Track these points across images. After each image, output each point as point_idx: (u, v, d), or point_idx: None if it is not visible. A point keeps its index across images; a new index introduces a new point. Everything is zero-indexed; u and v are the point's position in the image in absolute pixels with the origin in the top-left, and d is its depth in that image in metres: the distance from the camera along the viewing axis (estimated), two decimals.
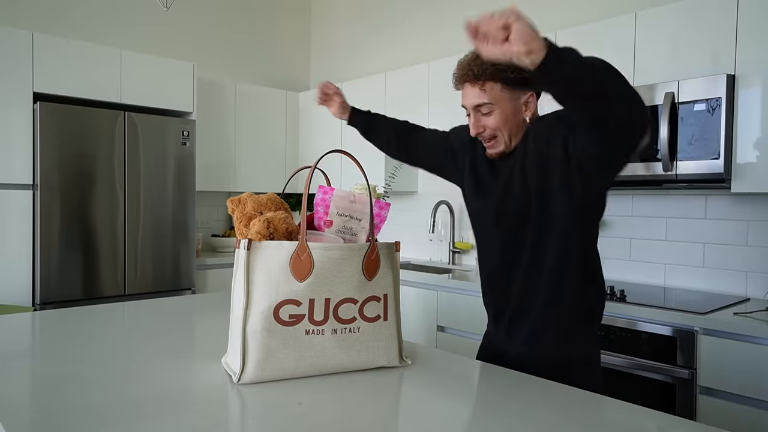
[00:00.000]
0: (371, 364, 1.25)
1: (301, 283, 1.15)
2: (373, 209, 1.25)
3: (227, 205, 1.30)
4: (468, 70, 1.34)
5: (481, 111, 1.35)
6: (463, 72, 1.36)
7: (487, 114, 1.35)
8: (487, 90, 1.33)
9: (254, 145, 4.21)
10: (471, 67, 1.33)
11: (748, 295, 2.43)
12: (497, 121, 1.34)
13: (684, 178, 2.25)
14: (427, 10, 3.92)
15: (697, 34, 2.29)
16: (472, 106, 1.36)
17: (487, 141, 1.39)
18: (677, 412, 2.05)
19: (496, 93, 1.33)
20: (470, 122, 1.38)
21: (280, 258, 1.14)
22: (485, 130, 1.36)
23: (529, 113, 1.37)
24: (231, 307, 1.19)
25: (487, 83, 1.32)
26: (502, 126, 1.35)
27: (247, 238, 1.16)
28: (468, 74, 1.34)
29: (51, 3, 3.57)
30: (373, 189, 1.33)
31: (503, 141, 1.37)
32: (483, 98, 1.33)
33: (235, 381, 1.13)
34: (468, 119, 1.40)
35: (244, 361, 1.13)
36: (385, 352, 1.26)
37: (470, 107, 1.37)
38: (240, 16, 4.50)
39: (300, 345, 1.16)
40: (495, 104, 1.33)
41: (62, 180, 3.05)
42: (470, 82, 1.34)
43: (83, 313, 1.81)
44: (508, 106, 1.34)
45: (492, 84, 1.32)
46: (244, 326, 1.13)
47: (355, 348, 1.22)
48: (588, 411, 1.04)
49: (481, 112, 1.35)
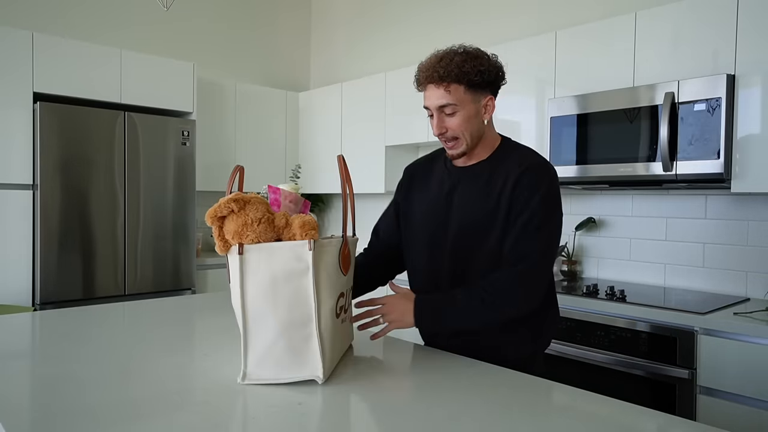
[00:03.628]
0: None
1: (345, 276, 1.23)
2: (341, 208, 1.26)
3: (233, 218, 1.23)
4: (433, 72, 1.37)
5: (444, 112, 1.38)
6: (427, 74, 1.39)
7: (451, 115, 1.38)
8: (451, 91, 1.36)
9: (254, 145, 4.21)
10: (436, 68, 1.37)
11: (748, 295, 2.43)
12: (460, 122, 1.38)
13: (684, 178, 2.25)
14: (427, 10, 3.92)
15: (697, 34, 2.29)
16: (436, 107, 1.39)
17: (448, 142, 1.42)
18: (677, 412, 2.05)
19: (460, 94, 1.36)
20: (433, 123, 1.41)
21: (333, 254, 1.18)
22: (447, 131, 1.40)
23: (487, 116, 1.41)
24: (278, 314, 1.12)
25: (452, 84, 1.36)
26: (465, 128, 1.38)
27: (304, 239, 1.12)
28: (433, 75, 1.37)
29: (51, 3, 3.57)
30: (296, 188, 1.35)
31: (464, 142, 1.40)
32: (447, 99, 1.36)
33: (320, 383, 1.14)
34: (430, 120, 1.43)
35: (323, 360, 1.14)
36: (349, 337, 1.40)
37: (434, 108, 1.40)
38: (240, 16, 4.50)
39: (337, 334, 1.23)
40: (458, 105, 1.37)
41: (62, 180, 3.05)
42: (435, 83, 1.38)
43: (83, 313, 1.81)
44: (470, 107, 1.38)
45: (456, 86, 1.36)
46: (319, 326, 1.13)
47: (346, 332, 1.33)
48: (588, 411, 1.04)
49: (444, 113, 1.39)
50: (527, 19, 3.30)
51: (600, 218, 2.91)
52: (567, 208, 3.05)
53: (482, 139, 1.43)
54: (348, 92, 4.04)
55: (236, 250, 1.12)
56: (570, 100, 2.60)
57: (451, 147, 1.42)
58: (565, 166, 2.59)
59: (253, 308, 1.13)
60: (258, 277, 1.12)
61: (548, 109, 2.69)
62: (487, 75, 1.36)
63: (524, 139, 2.88)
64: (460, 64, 1.34)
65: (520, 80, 2.89)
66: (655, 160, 2.31)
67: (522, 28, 3.32)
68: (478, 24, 3.57)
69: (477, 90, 1.37)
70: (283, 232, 1.15)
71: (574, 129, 2.57)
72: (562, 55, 2.73)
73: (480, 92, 1.38)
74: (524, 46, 2.89)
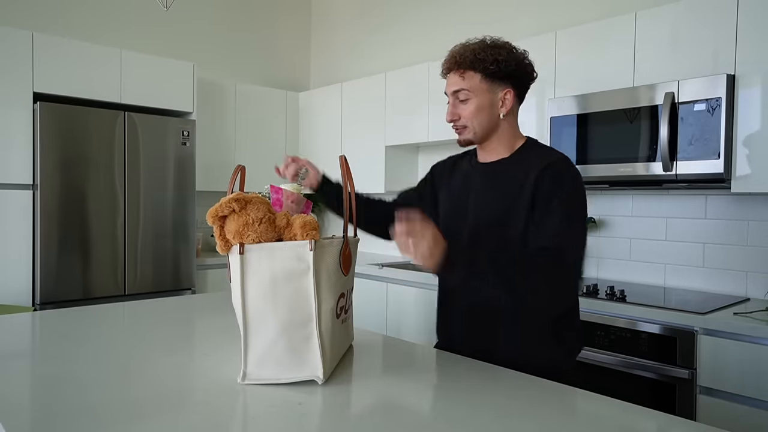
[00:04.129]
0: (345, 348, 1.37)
1: (346, 276, 1.23)
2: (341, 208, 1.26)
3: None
4: (452, 58, 1.39)
5: (458, 97, 1.39)
6: (448, 60, 1.41)
7: (464, 101, 1.38)
8: (466, 78, 1.37)
9: (254, 145, 4.21)
10: (455, 56, 1.38)
11: (748, 295, 2.43)
12: (471, 111, 1.38)
13: (684, 178, 2.25)
14: (427, 10, 3.92)
15: (697, 34, 2.29)
16: (452, 91, 1.40)
17: (458, 129, 1.43)
18: (677, 412, 2.05)
19: (475, 82, 1.37)
20: (448, 110, 1.42)
21: (334, 254, 1.18)
22: (459, 119, 1.40)
23: (504, 110, 1.39)
24: (279, 314, 1.12)
25: (467, 71, 1.37)
26: (475, 116, 1.38)
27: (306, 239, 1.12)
28: (452, 62, 1.39)
29: (51, 3, 3.57)
30: (297, 188, 1.35)
31: (472, 131, 1.40)
32: (461, 85, 1.37)
33: (320, 383, 1.13)
34: (448, 107, 1.44)
35: (323, 361, 1.14)
36: (350, 337, 1.40)
37: (450, 93, 1.41)
38: (240, 16, 4.50)
39: (337, 334, 1.23)
40: (472, 92, 1.37)
41: (62, 180, 3.05)
42: (453, 69, 1.39)
43: (83, 313, 1.81)
44: (485, 97, 1.37)
45: (472, 73, 1.36)
46: (319, 326, 1.13)
47: (347, 332, 1.33)
48: (588, 411, 1.04)
49: (458, 99, 1.39)
50: (527, 20, 3.30)
51: (600, 218, 2.91)
52: None
53: (496, 133, 1.41)
54: (348, 92, 4.04)
55: (237, 249, 1.12)
56: (570, 100, 2.60)
57: (459, 133, 1.42)
58: None
59: (254, 308, 1.13)
60: (258, 277, 1.12)
61: (548, 109, 2.69)
62: (505, 65, 1.35)
63: None
64: (477, 51, 1.35)
65: None
66: (655, 160, 2.31)
67: (522, 28, 3.32)
68: (478, 24, 3.57)
69: (494, 80, 1.36)
70: (284, 232, 1.15)
71: (574, 129, 2.57)
72: (562, 55, 2.74)
73: (498, 83, 1.37)
74: (524, 46, 2.85)
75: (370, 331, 1.63)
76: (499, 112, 1.39)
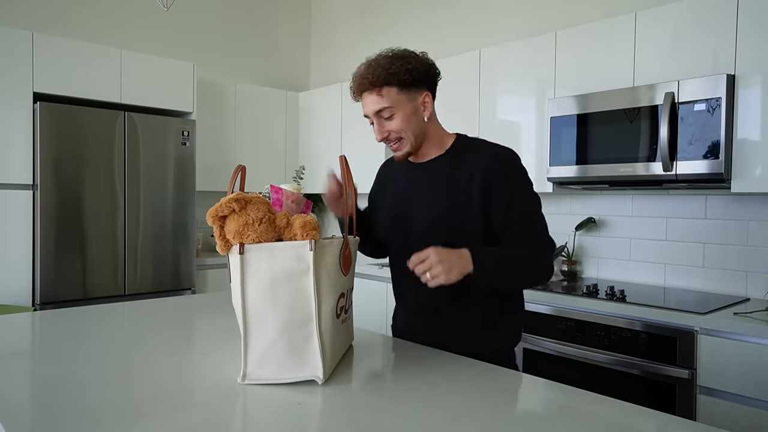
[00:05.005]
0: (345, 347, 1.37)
1: (346, 276, 1.23)
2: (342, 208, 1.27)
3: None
4: (363, 79, 1.38)
5: (382, 116, 1.39)
6: (359, 82, 1.39)
7: (389, 118, 1.38)
8: (384, 95, 1.36)
9: (254, 145, 4.21)
10: (365, 76, 1.37)
11: (748, 295, 2.43)
12: (400, 123, 1.38)
13: (684, 178, 2.25)
14: (427, 11, 3.92)
15: (697, 34, 2.29)
16: (373, 112, 1.39)
17: (393, 144, 1.42)
18: (677, 412, 2.05)
19: (393, 96, 1.37)
20: (375, 129, 1.41)
21: (334, 254, 1.19)
22: (390, 134, 1.40)
23: (427, 113, 1.41)
24: (279, 314, 1.12)
25: (384, 88, 1.36)
26: (406, 127, 1.39)
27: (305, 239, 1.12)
28: (364, 83, 1.38)
29: (51, 3, 3.57)
30: (298, 189, 1.35)
31: (409, 142, 1.41)
32: (382, 103, 1.37)
33: (320, 383, 1.13)
34: (373, 128, 1.43)
35: (323, 361, 1.14)
36: (350, 337, 1.40)
37: (372, 114, 1.40)
38: (240, 16, 4.50)
39: (337, 334, 1.23)
40: (394, 107, 1.37)
41: (62, 180, 3.05)
42: (367, 90, 1.38)
43: (83, 314, 1.81)
44: (407, 107, 1.38)
45: (388, 88, 1.36)
46: (319, 326, 1.13)
47: (347, 332, 1.33)
48: (588, 411, 1.04)
49: (383, 117, 1.39)
50: (527, 20, 3.30)
51: (600, 218, 2.91)
52: (567, 208, 3.05)
53: (427, 136, 1.43)
54: (348, 92, 4.02)
55: (237, 249, 1.12)
56: (570, 100, 2.60)
57: (397, 149, 1.42)
58: (565, 166, 2.59)
59: (254, 308, 1.13)
60: (258, 277, 1.12)
61: (548, 109, 2.69)
62: (417, 72, 1.37)
63: (524, 139, 2.88)
64: (387, 66, 1.35)
65: (520, 80, 2.89)
66: (655, 160, 2.31)
67: (522, 29, 3.32)
68: (478, 25, 3.57)
69: (410, 89, 1.37)
70: (284, 232, 1.15)
71: (574, 129, 2.57)
72: (562, 56, 2.74)
73: (414, 90, 1.38)
74: (524, 46, 2.89)
75: (370, 331, 1.63)
76: (423, 117, 1.41)
